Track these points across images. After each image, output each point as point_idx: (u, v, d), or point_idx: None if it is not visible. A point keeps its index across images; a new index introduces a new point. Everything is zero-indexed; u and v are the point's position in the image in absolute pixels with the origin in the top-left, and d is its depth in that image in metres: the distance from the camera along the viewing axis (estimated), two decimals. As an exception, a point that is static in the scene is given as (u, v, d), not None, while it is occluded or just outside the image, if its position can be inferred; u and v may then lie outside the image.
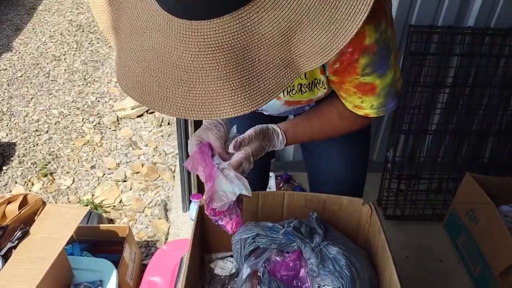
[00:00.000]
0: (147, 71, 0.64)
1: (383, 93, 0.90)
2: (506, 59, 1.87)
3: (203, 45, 0.61)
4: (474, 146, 2.14)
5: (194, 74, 0.62)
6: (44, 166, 2.49)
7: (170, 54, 0.62)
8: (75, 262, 1.45)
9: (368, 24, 0.76)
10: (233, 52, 0.61)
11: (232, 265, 1.22)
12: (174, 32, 0.62)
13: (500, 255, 1.64)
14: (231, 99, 0.62)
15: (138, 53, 0.65)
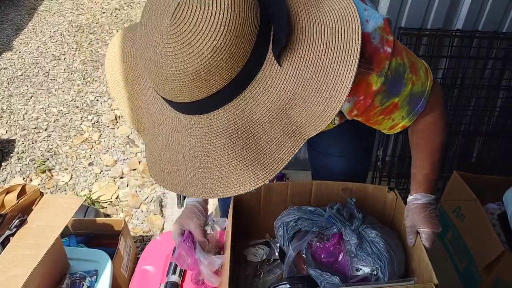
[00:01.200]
0: (170, 163, 0.73)
1: (406, 103, 0.92)
2: (493, 61, 1.92)
3: (210, 134, 0.68)
4: (463, 146, 2.19)
5: (207, 160, 0.69)
6: (42, 163, 2.54)
7: (184, 147, 0.71)
8: (71, 253, 1.49)
9: (369, 75, 0.81)
10: (238, 135, 0.68)
11: (263, 251, 1.29)
12: (183, 127, 0.69)
13: (484, 250, 1.68)
14: (244, 176, 0.69)
15: (160, 150, 0.74)
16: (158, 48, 0.61)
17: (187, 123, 0.69)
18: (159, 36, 0.61)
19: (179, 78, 0.62)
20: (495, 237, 1.63)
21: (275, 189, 1.27)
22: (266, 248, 1.31)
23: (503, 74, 1.96)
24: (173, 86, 0.63)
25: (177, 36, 0.60)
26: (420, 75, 0.92)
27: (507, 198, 1.76)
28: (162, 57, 0.61)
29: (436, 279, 0.99)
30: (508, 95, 2.02)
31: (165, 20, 0.61)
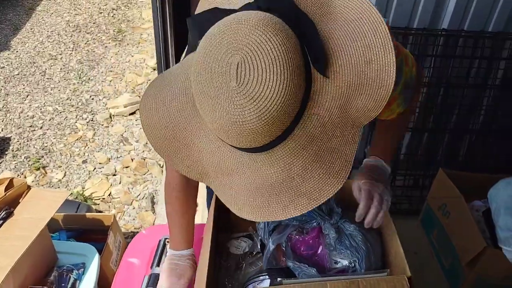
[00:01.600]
0: (246, 195, 0.77)
1: (401, 93, 0.96)
2: (479, 60, 1.95)
3: (280, 166, 0.73)
4: (451, 145, 2.21)
5: (277, 187, 0.74)
6: (37, 160, 2.57)
7: (256, 181, 0.75)
8: (59, 246, 1.52)
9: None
10: (316, 147, 0.72)
11: (246, 244, 1.31)
12: (265, 163, 0.73)
13: (467, 246, 1.71)
14: (329, 182, 0.74)
15: (232, 188, 0.78)
16: (233, 109, 0.65)
17: (265, 159, 0.73)
18: (230, 99, 0.65)
19: (259, 130, 0.66)
20: (478, 233, 1.66)
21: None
22: (249, 241, 1.34)
23: (489, 73, 1.98)
24: (253, 137, 0.67)
25: (247, 94, 0.64)
26: (410, 64, 0.97)
27: (491, 195, 1.78)
28: (240, 116, 0.65)
29: (409, 272, 1.02)
30: (495, 94, 2.05)
31: (231, 84, 0.64)
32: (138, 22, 4.17)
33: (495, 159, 2.20)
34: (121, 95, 3.09)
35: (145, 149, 2.68)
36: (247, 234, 1.36)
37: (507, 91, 2.02)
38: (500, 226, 1.64)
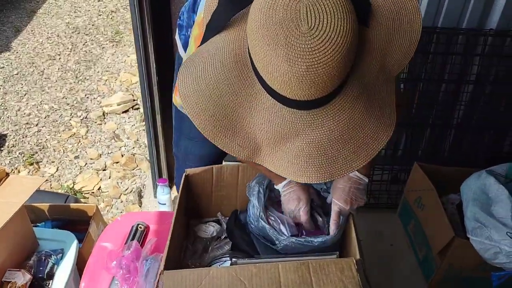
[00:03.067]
0: (308, 157, 0.79)
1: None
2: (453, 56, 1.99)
3: (343, 117, 0.77)
4: (433, 140, 2.25)
5: (340, 142, 0.78)
6: (31, 156, 2.65)
7: (318, 141, 0.78)
8: (40, 233, 1.59)
9: None
10: (367, 97, 0.79)
11: (214, 228, 1.37)
12: (316, 121, 0.76)
13: (439, 236, 1.75)
14: (382, 134, 0.81)
15: (291, 153, 0.79)
16: (307, 53, 0.66)
17: (328, 113, 0.76)
18: (303, 43, 0.66)
19: (331, 72, 0.69)
20: (447, 224, 1.70)
21: (226, 171, 1.35)
22: (217, 225, 1.39)
23: (464, 69, 2.02)
24: (324, 83, 0.69)
25: (319, 36, 0.67)
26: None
27: (463, 188, 1.82)
28: (315, 59, 0.67)
29: (358, 255, 1.06)
30: (471, 89, 2.09)
31: (302, 28, 0.66)
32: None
33: (475, 154, 2.24)
34: (115, 94, 3.17)
35: (135, 145, 2.75)
36: (216, 219, 1.42)
37: (481, 87, 2.06)
38: (468, 217, 1.68)
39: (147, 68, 1.89)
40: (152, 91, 1.95)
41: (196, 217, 1.42)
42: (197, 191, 1.37)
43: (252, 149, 0.83)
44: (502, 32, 1.95)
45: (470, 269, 1.73)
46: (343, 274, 0.98)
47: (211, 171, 1.34)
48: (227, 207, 1.40)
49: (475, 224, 1.63)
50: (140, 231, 1.44)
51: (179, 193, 1.27)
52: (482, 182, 1.73)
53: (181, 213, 1.27)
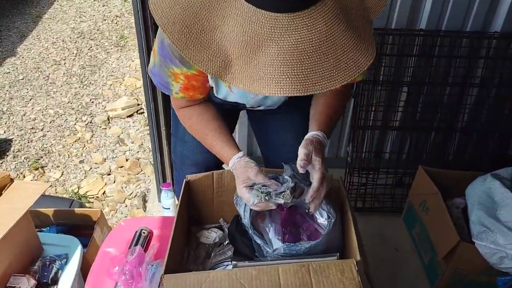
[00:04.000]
0: (284, 66, 0.75)
1: None
2: (457, 60, 1.98)
3: (321, 28, 0.75)
4: (438, 143, 2.24)
5: (332, 47, 0.76)
6: (36, 161, 2.66)
7: (295, 47, 0.74)
8: (45, 238, 1.60)
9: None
10: (343, 18, 0.77)
11: (216, 234, 1.37)
12: (293, 28, 0.74)
13: (443, 240, 1.74)
14: (363, 52, 0.78)
15: (265, 64, 0.75)
16: None
17: (306, 21, 0.74)
18: None
19: None
20: (452, 228, 1.69)
21: (226, 176, 1.35)
22: (219, 231, 1.39)
23: (469, 72, 2.01)
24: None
25: None
26: None
27: (468, 192, 1.82)
28: None
29: (358, 256, 1.05)
30: (476, 92, 2.07)
31: None
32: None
33: (479, 158, 2.22)
34: (120, 98, 3.18)
35: (140, 150, 2.76)
36: (218, 225, 1.41)
37: (486, 90, 2.05)
38: (473, 221, 1.67)
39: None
40: (156, 95, 1.96)
41: (198, 223, 1.42)
42: (198, 197, 1.37)
43: (221, 63, 0.78)
44: (507, 35, 1.95)
45: (476, 273, 1.72)
46: (344, 275, 0.98)
47: (212, 176, 1.34)
48: (228, 212, 1.40)
49: (480, 228, 1.62)
50: (143, 236, 1.45)
51: (180, 199, 1.27)
52: (487, 186, 1.72)
53: (182, 219, 1.27)
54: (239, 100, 1.24)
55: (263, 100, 1.25)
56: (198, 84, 1.12)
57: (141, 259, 1.30)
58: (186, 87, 1.11)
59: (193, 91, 1.14)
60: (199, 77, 1.09)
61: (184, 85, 1.10)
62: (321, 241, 1.12)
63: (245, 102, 1.25)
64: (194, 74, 1.07)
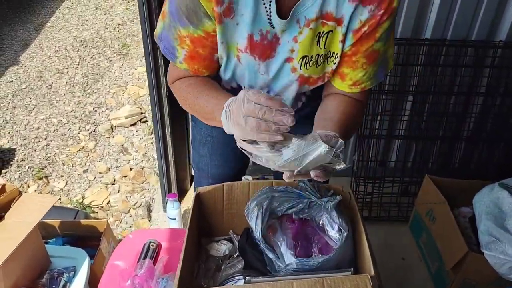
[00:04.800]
0: None
1: (380, 61, 0.99)
2: (463, 69, 1.99)
3: None
4: (443, 152, 2.24)
5: None
6: (40, 170, 2.66)
7: None
8: (52, 250, 1.59)
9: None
10: None
11: (226, 247, 1.36)
12: None
13: (451, 250, 1.73)
14: None
15: None
16: None
17: None
18: None
19: None
20: (460, 238, 1.69)
21: (237, 188, 1.35)
22: (229, 243, 1.38)
23: (474, 81, 2.02)
24: None
25: None
26: (392, 50, 1.02)
27: (475, 201, 1.81)
28: None
29: (373, 271, 1.05)
30: (481, 101, 2.08)
31: None
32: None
33: (485, 167, 2.22)
34: (123, 107, 3.18)
35: (144, 158, 2.76)
36: (228, 237, 1.41)
37: (491, 99, 2.05)
38: (481, 231, 1.66)
39: (157, 83, 1.90)
40: (161, 103, 1.96)
41: (208, 236, 1.42)
42: (208, 209, 1.36)
43: None
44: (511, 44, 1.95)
45: (485, 284, 1.71)
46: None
47: (222, 188, 1.34)
48: (238, 224, 1.39)
49: (489, 238, 1.62)
50: (152, 249, 1.44)
51: (191, 212, 1.26)
52: (495, 195, 1.71)
53: (193, 232, 1.27)
54: (246, 79, 1.08)
55: (273, 81, 1.08)
56: (204, 53, 1.00)
57: (151, 272, 1.29)
58: (191, 55, 1.00)
59: (199, 62, 1.01)
60: (206, 42, 0.97)
61: (190, 52, 0.99)
62: (334, 256, 1.11)
63: (253, 82, 1.08)
64: (200, 37, 0.96)
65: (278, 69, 1.01)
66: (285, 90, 1.09)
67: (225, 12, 0.91)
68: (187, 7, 0.91)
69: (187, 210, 2.29)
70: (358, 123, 1.10)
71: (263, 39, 0.96)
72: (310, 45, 0.96)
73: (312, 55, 0.97)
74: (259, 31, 0.94)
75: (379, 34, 0.93)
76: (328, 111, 1.01)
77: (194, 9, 0.90)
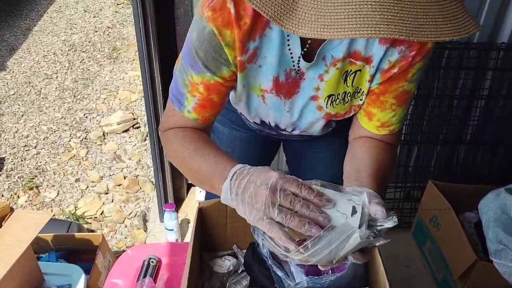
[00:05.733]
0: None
1: (408, 103, 0.93)
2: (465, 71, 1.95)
3: None
4: (444, 156, 2.20)
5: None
6: (30, 180, 2.57)
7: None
8: (46, 268, 1.52)
9: None
10: None
11: (230, 263, 1.30)
12: None
13: (459, 259, 1.70)
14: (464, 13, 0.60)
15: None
16: None
17: None
18: None
19: None
20: (468, 246, 1.65)
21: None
22: (233, 259, 1.32)
23: (476, 84, 1.98)
24: None
25: None
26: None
27: (481, 207, 1.77)
28: None
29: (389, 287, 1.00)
30: (483, 104, 2.05)
31: None
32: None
33: (488, 170, 2.19)
34: (115, 113, 3.10)
35: (138, 166, 2.69)
36: (232, 252, 1.35)
37: (494, 101, 2.02)
38: (490, 238, 1.62)
39: (152, 87, 1.84)
40: (157, 109, 1.90)
41: (209, 251, 1.36)
42: (211, 223, 1.30)
43: (283, 3, 0.61)
44: (514, 46, 1.92)
45: (493, 292, 1.67)
46: (375, 310, 0.92)
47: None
48: (242, 238, 1.34)
49: (498, 246, 1.58)
50: (152, 266, 1.37)
51: (194, 228, 1.20)
52: (502, 201, 1.68)
53: (197, 249, 1.21)
54: (271, 117, 1.03)
55: (299, 119, 1.03)
56: (217, 100, 0.91)
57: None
58: (203, 103, 0.90)
59: (210, 110, 0.93)
60: (222, 88, 0.89)
61: (202, 100, 0.90)
62: (347, 273, 1.06)
63: (278, 120, 1.03)
64: (217, 83, 0.87)
65: (303, 107, 0.97)
66: (311, 127, 1.04)
67: (249, 59, 0.86)
68: (206, 53, 0.83)
69: (184, 220, 2.23)
70: (391, 171, 0.99)
71: (288, 78, 0.91)
72: (336, 84, 0.91)
73: (339, 93, 0.92)
74: (284, 71, 0.89)
75: (411, 75, 0.86)
76: (359, 159, 0.93)
77: (215, 56, 0.83)
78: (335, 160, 1.34)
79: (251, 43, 0.83)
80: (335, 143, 1.26)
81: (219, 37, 0.80)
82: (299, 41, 0.84)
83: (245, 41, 0.82)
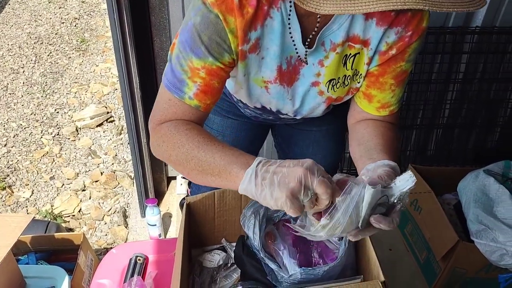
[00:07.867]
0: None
1: (405, 83, 0.95)
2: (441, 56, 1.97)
3: None
4: (419, 140, 2.24)
5: None
6: (2, 180, 2.48)
7: None
8: (27, 271, 1.47)
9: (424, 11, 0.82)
10: None
11: (219, 257, 1.28)
12: None
13: (441, 240, 1.73)
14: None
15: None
16: None
17: None
18: None
19: None
20: (450, 227, 1.68)
21: (228, 195, 1.28)
22: (222, 253, 1.31)
23: (451, 68, 2.01)
24: None
25: None
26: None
27: (460, 189, 1.81)
28: None
29: (383, 276, 1.01)
30: (459, 88, 2.08)
31: None
32: (101, 30, 4.09)
33: (462, 153, 2.24)
34: (87, 107, 3.02)
35: (115, 161, 2.62)
36: (220, 246, 1.33)
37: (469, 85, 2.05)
38: (470, 219, 1.66)
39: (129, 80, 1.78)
40: (134, 102, 1.85)
41: (198, 246, 1.34)
42: (199, 218, 1.28)
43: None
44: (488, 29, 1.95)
45: (474, 271, 1.72)
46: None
47: (213, 196, 1.26)
48: (230, 232, 1.33)
49: (479, 226, 1.62)
50: (139, 264, 1.35)
51: (182, 225, 1.18)
52: (481, 182, 1.72)
53: (186, 246, 1.19)
54: (273, 104, 1.04)
55: (300, 106, 1.03)
56: (218, 86, 0.89)
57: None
58: (204, 89, 0.87)
59: (212, 97, 0.90)
60: (223, 73, 0.87)
61: (203, 85, 0.87)
62: (339, 262, 1.06)
63: (281, 107, 1.03)
64: (219, 68, 0.86)
65: (304, 94, 0.98)
66: (312, 112, 1.05)
67: (251, 49, 0.86)
68: (210, 38, 0.82)
69: (165, 214, 2.19)
70: (398, 147, 1.04)
71: (289, 65, 0.92)
72: (336, 68, 0.92)
73: (339, 77, 0.94)
74: (285, 59, 0.90)
75: (408, 55, 0.89)
76: (366, 140, 0.93)
77: (219, 42, 0.83)
78: (326, 140, 1.35)
79: (252, 33, 0.84)
80: (326, 123, 1.28)
81: (224, 23, 0.80)
82: (299, 28, 0.85)
83: (246, 30, 0.82)
